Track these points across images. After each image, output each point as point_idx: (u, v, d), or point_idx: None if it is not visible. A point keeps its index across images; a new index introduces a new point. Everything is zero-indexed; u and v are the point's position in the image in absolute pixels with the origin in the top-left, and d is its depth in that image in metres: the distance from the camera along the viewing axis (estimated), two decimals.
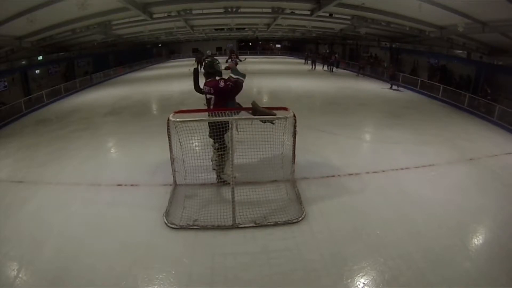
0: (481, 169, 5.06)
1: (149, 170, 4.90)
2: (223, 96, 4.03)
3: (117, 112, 9.25)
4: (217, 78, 4.13)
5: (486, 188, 4.44)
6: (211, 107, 4.09)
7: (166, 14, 12.15)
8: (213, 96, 4.05)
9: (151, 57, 26.76)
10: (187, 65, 14.78)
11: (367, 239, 3.30)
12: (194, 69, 4.64)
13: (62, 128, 7.82)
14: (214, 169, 4.39)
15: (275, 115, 3.88)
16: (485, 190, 4.37)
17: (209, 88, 4.07)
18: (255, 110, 3.94)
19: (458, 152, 5.72)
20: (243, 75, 4.11)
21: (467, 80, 11.70)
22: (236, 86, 4.01)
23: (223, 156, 4.18)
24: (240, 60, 13.77)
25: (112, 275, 2.85)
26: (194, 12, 11.93)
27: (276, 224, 3.50)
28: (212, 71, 4.21)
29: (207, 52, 15.68)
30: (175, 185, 4.28)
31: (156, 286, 2.75)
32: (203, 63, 4.33)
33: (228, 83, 3.99)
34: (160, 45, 28.01)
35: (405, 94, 11.88)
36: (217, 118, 3.84)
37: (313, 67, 19.04)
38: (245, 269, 2.91)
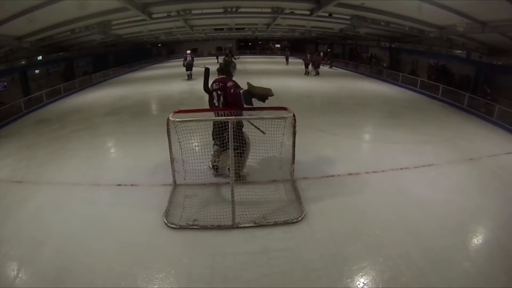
0: (481, 169, 5.06)
1: (149, 170, 4.89)
2: (226, 93, 4.05)
3: (116, 112, 9.24)
4: (227, 77, 4.22)
5: (486, 188, 4.44)
6: (220, 105, 4.11)
7: (165, 14, 12.17)
8: (221, 93, 4.10)
9: (150, 57, 26.76)
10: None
11: (366, 239, 3.30)
12: (206, 68, 4.68)
13: (62, 128, 7.81)
14: (211, 166, 4.42)
15: (271, 90, 3.82)
16: (485, 190, 4.37)
17: (218, 83, 4.15)
18: (251, 91, 3.85)
19: (458, 152, 5.73)
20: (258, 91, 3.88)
21: (467, 80, 11.72)
22: (236, 95, 3.92)
23: (241, 154, 4.16)
24: (235, 58, 13.91)
25: (111, 275, 2.84)
26: (193, 12, 11.95)
27: (275, 224, 3.50)
28: (226, 69, 4.30)
29: (187, 51, 15.16)
30: (175, 185, 4.28)
31: (155, 286, 2.75)
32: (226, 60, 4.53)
33: (237, 89, 3.95)
34: (159, 45, 28.02)
35: (405, 94, 11.88)
36: (218, 118, 3.83)
37: (287, 62, 22.36)
38: (245, 269, 2.91)
